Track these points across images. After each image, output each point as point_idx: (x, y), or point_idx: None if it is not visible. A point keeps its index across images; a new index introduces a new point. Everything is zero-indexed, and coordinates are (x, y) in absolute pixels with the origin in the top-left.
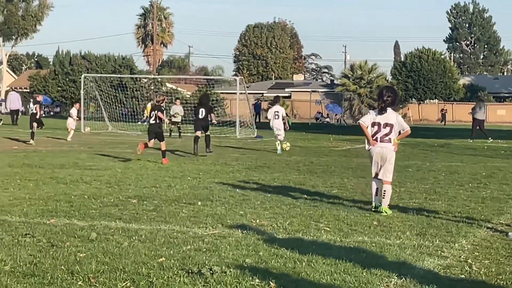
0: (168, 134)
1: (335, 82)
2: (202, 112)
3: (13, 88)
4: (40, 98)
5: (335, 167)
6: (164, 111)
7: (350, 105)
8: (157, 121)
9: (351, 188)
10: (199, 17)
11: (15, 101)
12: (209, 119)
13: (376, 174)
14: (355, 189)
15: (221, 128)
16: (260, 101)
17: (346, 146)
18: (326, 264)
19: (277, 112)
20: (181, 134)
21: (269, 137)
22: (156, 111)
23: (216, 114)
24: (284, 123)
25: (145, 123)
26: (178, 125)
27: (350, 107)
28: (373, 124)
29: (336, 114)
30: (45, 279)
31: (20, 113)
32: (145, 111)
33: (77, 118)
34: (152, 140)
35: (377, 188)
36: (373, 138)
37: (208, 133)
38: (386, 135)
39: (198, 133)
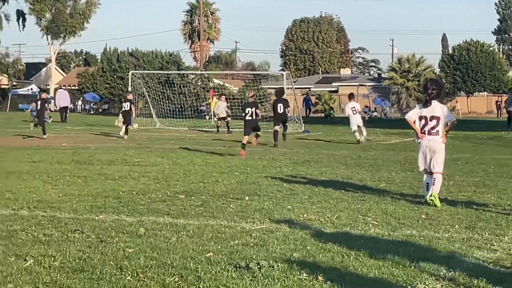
0: (216, 130)
1: (383, 75)
2: (280, 107)
3: (61, 85)
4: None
5: (382, 161)
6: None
7: (398, 98)
8: (254, 117)
9: (399, 182)
10: (246, 12)
11: (64, 99)
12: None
13: (425, 169)
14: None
15: (269, 123)
16: (309, 96)
17: (393, 140)
18: (374, 258)
19: (354, 107)
20: (230, 129)
21: (316, 131)
22: (253, 108)
23: (264, 109)
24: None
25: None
26: (226, 120)
27: (398, 101)
28: (420, 118)
29: (383, 108)
30: (94, 274)
31: (68, 111)
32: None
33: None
34: (247, 137)
35: (427, 183)
36: (421, 132)
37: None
38: (433, 127)
39: (277, 127)
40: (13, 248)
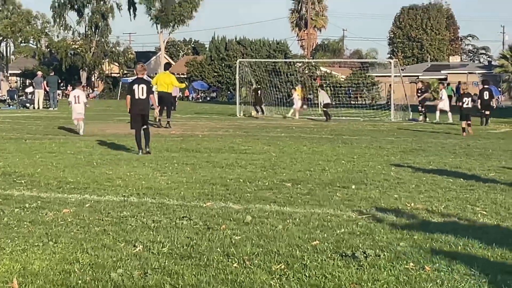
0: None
1: (493, 63)
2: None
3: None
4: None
5: (492, 150)
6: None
7: (509, 86)
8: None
9: (510, 171)
10: (353, 0)
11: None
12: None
13: None
14: None
15: (376, 111)
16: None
17: (504, 129)
18: (483, 249)
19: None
20: (330, 117)
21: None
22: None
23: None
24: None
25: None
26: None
27: (509, 89)
28: None
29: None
30: (202, 261)
31: (176, 99)
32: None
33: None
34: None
35: None
36: None
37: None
38: None
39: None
40: (123, 234)
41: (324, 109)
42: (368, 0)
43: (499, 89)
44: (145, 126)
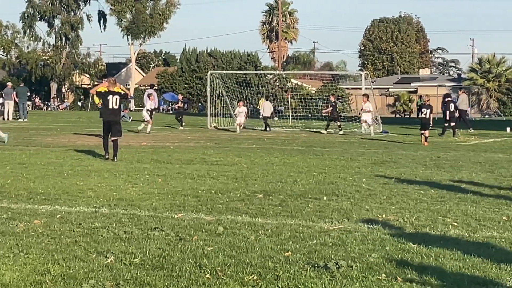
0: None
1: (463, 76)
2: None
3: (141, 85)
4: None
5: (462, 161)
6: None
7: (478, 99)
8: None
9: (480, 183)
10: (324, 12)
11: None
12: None
13: None
14: None
15: (347, 123)
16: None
17: (474, 141)
18: (454, 259)
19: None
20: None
21: (395, 132)
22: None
23: (343, 109)
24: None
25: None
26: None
27: (478, 102)
28: None
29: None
30: (174, 271)
31: (156, 111)
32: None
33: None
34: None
35: None
36: None
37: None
38: None
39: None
40: (95, 245)
41: (265, 120)
42: (338, 12)
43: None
44: (114, 137)
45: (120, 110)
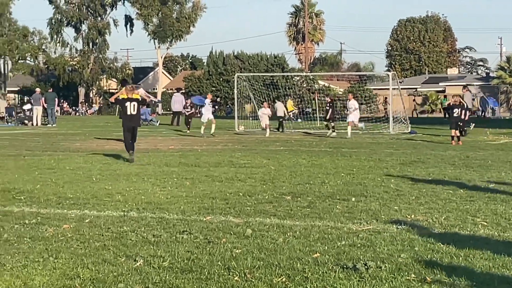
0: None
1: (491, 74)
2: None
3: (168, 89)
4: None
5: (492, 161)
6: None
7: (507, 98)
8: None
9: (510, 182)
10: (350, 13)
11: (178, 102)
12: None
13: None
14: None
15: (375, 124)
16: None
17: (503, 140)
18: (484, 259)
19: None
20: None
21: (422, 132)
22: (459, 109)
23: (370, 110)
24: None
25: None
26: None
27: (507, 100)
28: None
29: (492, 108)
30: (202, 274)
31: (181, 115)
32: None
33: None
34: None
35: None
36: None
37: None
38: None
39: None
40: (123, 249)
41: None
42: (365, 13)
43: (492, 99)
44: (133, 142)
45: (139, 116)
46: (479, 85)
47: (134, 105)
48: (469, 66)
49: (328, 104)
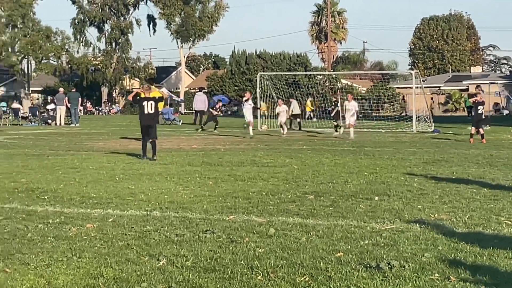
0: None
1: None
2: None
3: (191, 88)
4: None
5: None
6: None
7: None
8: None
9: None
10: (373, 12)
11: (201, 101)
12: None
13: None
14: None
15: (398, 122)
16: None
17: None
18: (508, 258)
19: None
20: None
21: (445, 131)
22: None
23: (393, 109)
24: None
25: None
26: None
27: None
28: None
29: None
30: (225, 273)
31: (203, 114)
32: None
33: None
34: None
35: None
36: None
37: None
38: None
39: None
40: (147, 248)
41: (297, 119)
42: (388, 11)
43: None
44: (152, 139)
45: (157, 114)
46: (503, 84)
47: (151, 104)
48: (492, 65)
49: (334, 103)
